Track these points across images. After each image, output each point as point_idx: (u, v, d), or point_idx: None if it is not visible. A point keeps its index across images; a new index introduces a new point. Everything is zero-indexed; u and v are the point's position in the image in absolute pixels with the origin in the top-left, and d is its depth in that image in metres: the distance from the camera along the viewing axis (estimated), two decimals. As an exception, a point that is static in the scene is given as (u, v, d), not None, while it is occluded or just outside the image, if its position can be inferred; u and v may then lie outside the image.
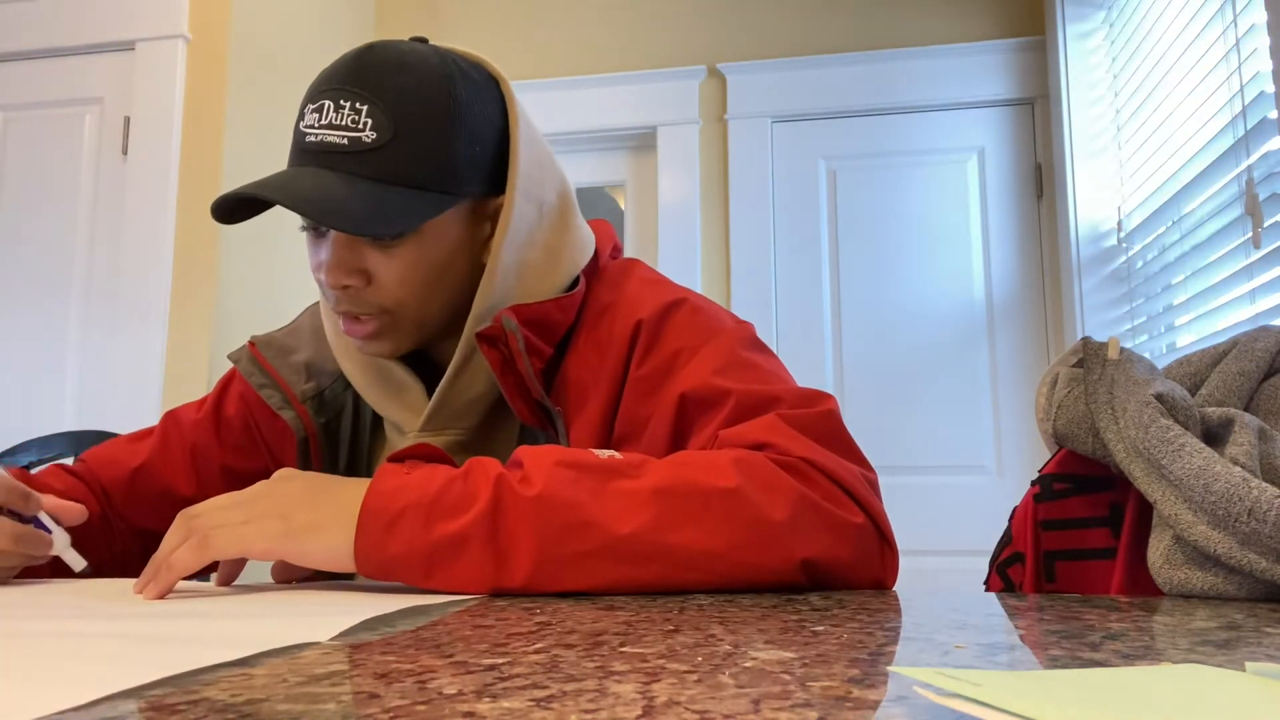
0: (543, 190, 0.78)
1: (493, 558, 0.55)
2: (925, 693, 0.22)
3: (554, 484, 0.56)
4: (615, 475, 0.58)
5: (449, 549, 0.55)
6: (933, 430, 2.44)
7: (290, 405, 0.83)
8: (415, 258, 0.73)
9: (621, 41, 2.73)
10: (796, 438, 0.63)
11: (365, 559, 0.56)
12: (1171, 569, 0.58)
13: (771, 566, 0.57)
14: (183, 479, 0.87)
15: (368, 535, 0.56)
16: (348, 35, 2.69)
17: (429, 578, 0.56)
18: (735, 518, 0.57)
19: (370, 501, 0.57)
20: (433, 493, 0.56)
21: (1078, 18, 2.33)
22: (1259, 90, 1.51)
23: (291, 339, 0.88)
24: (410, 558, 0.55)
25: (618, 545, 0.55)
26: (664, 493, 0.57)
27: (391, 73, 0.71)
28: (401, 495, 0.57)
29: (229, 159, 2.11)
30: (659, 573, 0.56)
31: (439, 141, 0.72)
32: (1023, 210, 2.48)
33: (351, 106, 0.70)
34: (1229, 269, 1.64)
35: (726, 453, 0.60)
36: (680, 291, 0.79)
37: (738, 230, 2.58)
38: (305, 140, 0.72)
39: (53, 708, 0.24)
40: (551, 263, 0.78)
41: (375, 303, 0.73)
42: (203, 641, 0.35)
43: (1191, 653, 0.33)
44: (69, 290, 2.15)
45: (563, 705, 0.24)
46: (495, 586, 0.55)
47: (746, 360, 0.72)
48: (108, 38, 2.19)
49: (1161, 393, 0.63)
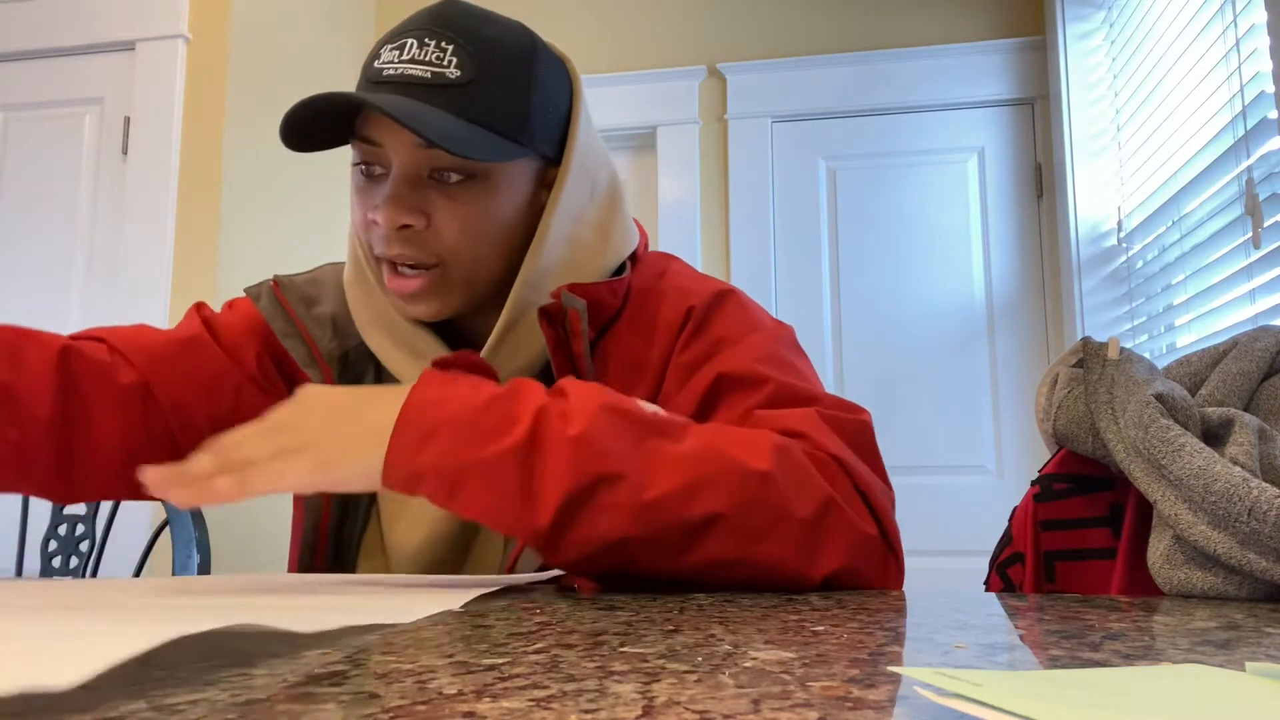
0: (596, 171, 0.78)
1: (520, 492, 0.53)
2: (925, 693, 0.22)
3: (596, 428, 0.54)
4: (656, 433, 0.56)
5: (480, 473, 0.53)
6: (933, 430, 2.44)
7: (315, 364, 0.79)
8: (481, 204, 0.71)
9: (621, 41, 2.73)
10: (832, 437, 0.63)
11: (393, 469, 0.54)
12: (1171, 569, 0.58)
13: (786, 563, 0.56)
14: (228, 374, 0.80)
15: (401, 445, 0.54)
16: (348, 35, 2.69)
17: (452, 498, 0.54)
18: (762, 505, 0.55)
19: (410, 411, 0.55)
20: (474, 409, 0.55)
21: (1078, 18, 2.33)
22: (1259, 90, 1.51)
23: (313, 289, 0.83)
24: (440, 473, 0.54)
25: (642, 507, 0.53)
26: (699, 461, 0.55)
27: (477, 22, 0.71)
28: (443, 408, 0.55)
29: (229, 159, 2.11)
30: (675, 542, 0.54)
31: (518, 91, 0.71)
32: (1023, 210, 2.48)
33: (437, 45, 0.69)
34: (1229, 269, 1.64)
35: (768, 435, 0.59)
36: (727, 285, 0.79)
37: (738, 230, 2.58)
38: (383, 74, 0.69)
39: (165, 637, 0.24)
40: (600, 242, 0.78)
41: (431, 249, 0.71)
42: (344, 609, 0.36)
43: (1191, 653, 0.33)
44: (69, 290, 2.15)
45: (563, 705, 0.24)
46: (516, 521, 0.54)
47: (786, 359, 0.72)
48: (108, 38, 2.19)
49: (1161, 393, 0.63)
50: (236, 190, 2.13)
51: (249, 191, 2.18)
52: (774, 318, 0.79)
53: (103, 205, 2.16)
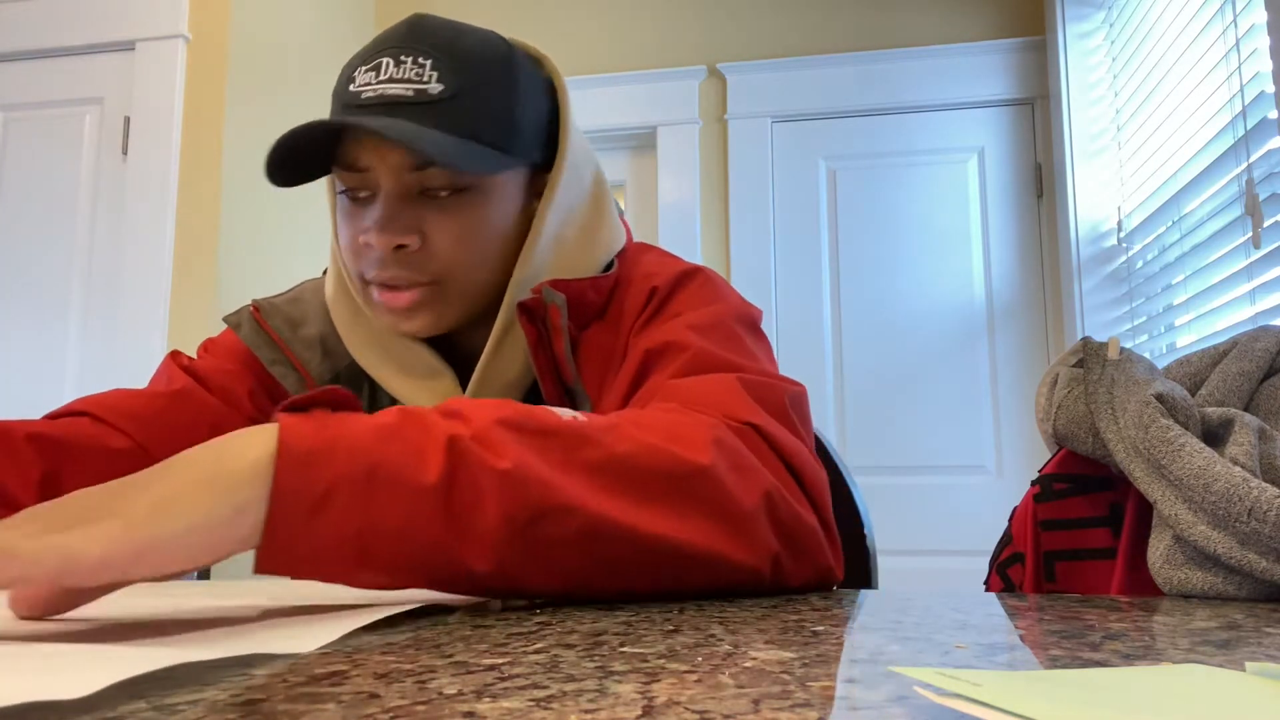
0: (584, 170, 0.77)
1: (449, 543, 0.43)
2: (925, 693, 0.22)
3: (524, 456, 0.46)
4: (582, 443, 0.48)
5: (393, 537, 0.42)
6: (933, 430, 2.44)
7: (307, 388, 0.76)
8: (475, 216, 0.70)
9: (621, 41, 2.73)
10: (748, 403, 0.58)
11: (279, 554, 0.40)
12: (1171, 569, 0.58)
13: (731, 556, 0.51)
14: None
15: (286, 524, 0.40)
16: (348, 35, 2.69)
17: (359, 572, 0.42)
18: (706, 501, 0.50)
19: (286, 478, 0.40)
20: (369, 458, 0.42)
21: (1078, 18, 2.33)
22: (1259, 90, 1.51)
23: (295, 309, 0.80)
24: (341, 548, 0.41)
25: (589, 529, 0.46)
26: (634, 469, 0.49)
27: (450, 35, 0.70)
28: (326, 463, 0.41)
29: (229, 159, 2.11)
30: (626, 559, 0.48)
31: (501, 101, 0.70)
32: (1023, 210, 2.48)
33: (414, 61, 0.68)
34: (1229, 269, 1.64)
35: (704, 424, 0.54)
36: (695, 265, 0.77)
37: (738, 230, 2.58)
38: (361, 97, 0.67)
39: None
40: (587, 242, 0.77)
41: (426, 267, 0.69)
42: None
43: (1191, 653, 0.33)
44: (69, 290, 2.15)
45: (563, 705, 0.24)
46: (448, 582, 0.44)
47: (732, 330, 0.69)
48: (108, 38, 2.19)
49: (1161, 393, 0.63)
50: (236, 190, 2.13)
51: (249, 191, 2.18)
52: (743, 299, 0.76)
53: (102, 205, 2.16)
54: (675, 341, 0.66)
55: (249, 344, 0.77)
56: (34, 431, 0.68)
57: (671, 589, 0.52)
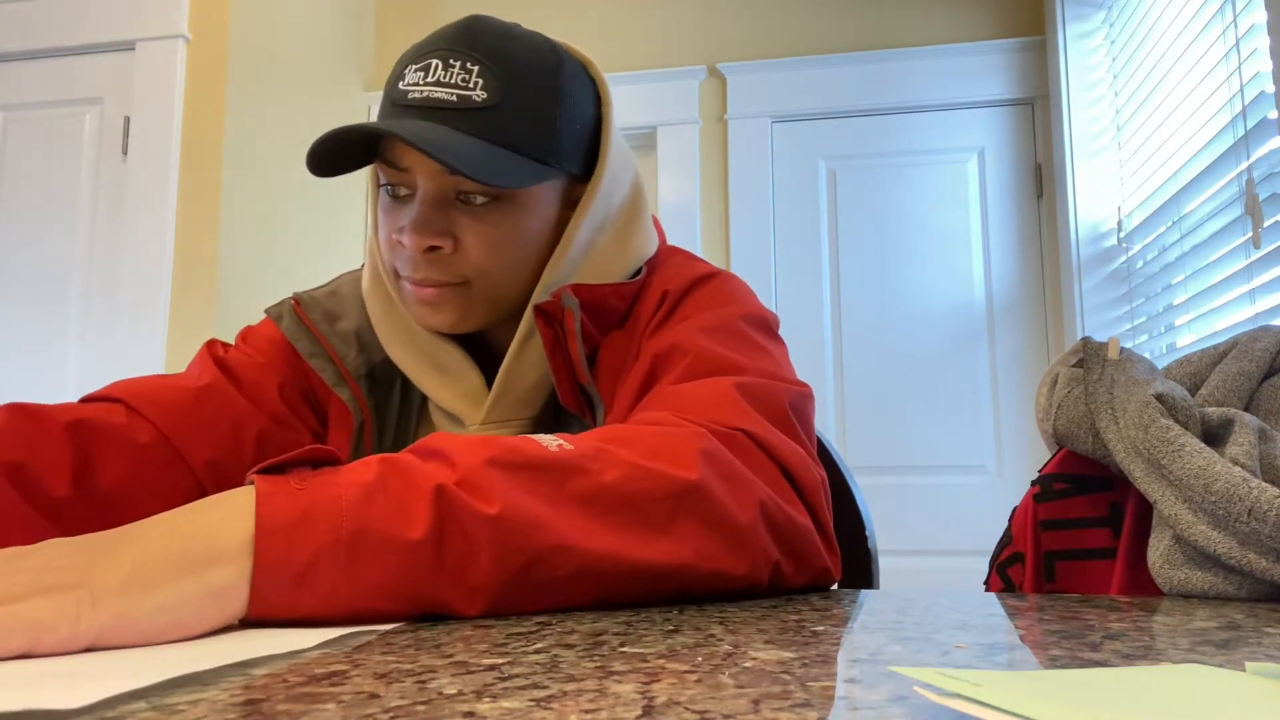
0: (623, 177, 0.77)
1: (441, 594, 0.43)
2: (925, 693, 0.22)
3: (512, 495, 0.45)
4: (569, 474, 0.48)
5: (383, 595, 0.42)
6: (933, 430, 2.44)
7: (345, 382, 0.77)
8: (509, 225, 0.70)
9: (621, 41, 2.73)
10: (743, 408, 0.58)
11: (266, 621, 0.41)
12: (1171, 569, 0.58)
13: (740, 573, 0.52)
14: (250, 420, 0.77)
15: (270, 599, 0.40)
16: (348, 35, 2.69)
17: (350, 626, 0.42)
18: (699, 517, 0.50)
19: (265, 556, 0.40)
20: (353, 522, 0.41)
21: (1078, 18, 2.33)
22: (1259, 90, 1.51)
23: (333, 302, 0.80)
24: (331, 611, 0.41)
25: (585, 567, 0.47)
26: (626, 496, 0.49)
27: (501, 40, 0.70)
28: (307, 533, 0.41)
29: (229, 159, 2.11)
30: (622, 585, 0.48)
31: (545, 111, 0.70)
32: (1023, 210, 2.48)
33: (462, 66, 0.68)
34: (1229, 269, 1.64)
35: (691, 436, 0.53)
36: (715, 269, 0.77)
37: (738, 230, 2.58)
38: (408, 97, 0.68)
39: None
40: (619, 250, 0.77)
41: (457, 270, 0.70)
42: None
43: (1191, 653, 0.33)
44: (69, 290, 2.15)
45: (563, 705, 0.24)
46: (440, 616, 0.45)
47: (738, 331, 0.69)
48: (108, 38, 2.19)
49: (1161, 393, 0.63)
50: (236, 190, 2.13)
51: (249, 191, 2.18)
52: (759, 303, 0.75)
53: (102, 205, 2.16)
54: (680, 345, 0.67)
55: (289, 336, 0.78)
56: (72, 420, 0.70)
57: (665, 598, 0.52)
